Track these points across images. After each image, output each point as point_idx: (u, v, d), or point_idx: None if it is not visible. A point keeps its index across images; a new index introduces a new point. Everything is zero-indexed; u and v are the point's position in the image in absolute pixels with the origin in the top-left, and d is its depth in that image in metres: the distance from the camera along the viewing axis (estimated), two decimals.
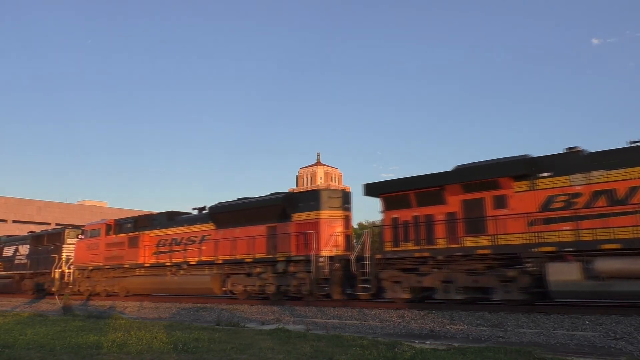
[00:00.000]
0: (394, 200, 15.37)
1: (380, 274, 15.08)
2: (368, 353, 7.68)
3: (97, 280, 24.98)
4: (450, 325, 11.83)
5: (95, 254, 25.09)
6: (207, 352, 8.06)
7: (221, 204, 20.51)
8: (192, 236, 21.14)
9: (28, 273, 29.69)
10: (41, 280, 28.45)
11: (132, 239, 23.38)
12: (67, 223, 48.82)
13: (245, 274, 18.85)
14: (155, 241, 22.64)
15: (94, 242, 25.40)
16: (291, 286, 17.24)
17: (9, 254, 32.32)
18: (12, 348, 8.81)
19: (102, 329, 11.30)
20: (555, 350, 8.53)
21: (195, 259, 20.53)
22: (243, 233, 19.12)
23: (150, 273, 22.46)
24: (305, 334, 10.00)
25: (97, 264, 24.87)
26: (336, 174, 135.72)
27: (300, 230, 17.43)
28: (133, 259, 22.95)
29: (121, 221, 24.83)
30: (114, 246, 24.21)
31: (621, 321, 10.64)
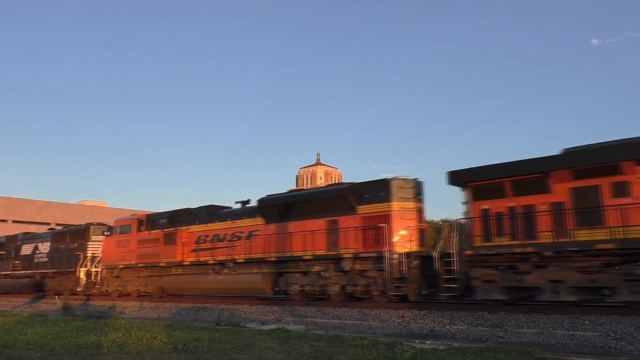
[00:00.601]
0: (485, 189, 13.70)
1: (470, 272, 13.48)
2: (368, 353, 7.68)
3: (128, 280, 23.58)
4: (450, 325, 11.83)
5: (126, 251, 23.47)
6: (207, 352, 8.06)
7: (272, 196, 19.08)
8: (237, 231, 19.57)
9: (50, 272, 28.13)
10: (64, 280, 27.15)
11: (168, 235, 21.78)
12: (67, 223, 48.82)
13: (302, 273, 17.31)
14: (194, 237, 21.05)
15: (125, 238, 23.76)
16: (359, 286, 15.79)
17: (27, 252, 30.72)
18: (12, 348, 8.81)
19: (102, 329, 11.30)
20: (555, 350, 8.53)
21: (242, 257, 18.98)
22: (298, 228, 17.58)
23: (189, 272, 20.89)
24: (305, 334, 9.99)
25: (129, 262, 23.26)
26: (336, 174, 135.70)
27: (367, 224, 15.89)
28: (170, 257, 21.40)
29: (154, 216, 23.26)
30: (147, 243, 22.63)
31: (621, 321, 10.64)
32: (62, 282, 27.15)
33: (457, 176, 14.30)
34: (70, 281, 26.54)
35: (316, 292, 16.91)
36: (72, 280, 26.33)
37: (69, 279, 26.68)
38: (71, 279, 26.49)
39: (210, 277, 19.82)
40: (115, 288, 24.18)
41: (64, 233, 28.86)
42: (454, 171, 14.40)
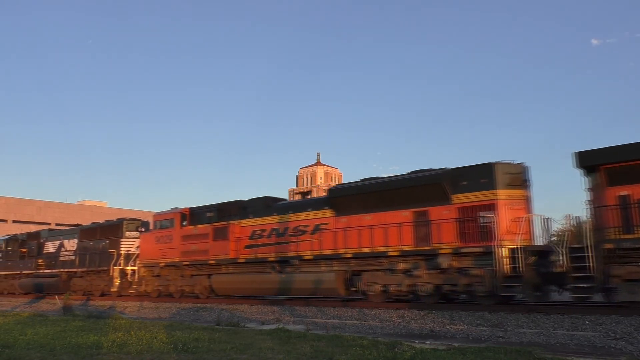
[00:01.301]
0: (624, 172, 11.82)
1: (610, 269, 11.65)
2: (368, 353, 7.68)
3: (170, 279, 21.59)
4: (450, 325, 11.83)
5: (168, 248, 21.42)
6: (207, 352, 8.06)
7: (344, 185, 17.57)
8: (300, 225, 17.57)
9: (79, 271, 26.33)
10: (95, 279, 25.48)
11: (218, 230, 19.71)
12: (67, 223, 48.89)
13: (384, 271, 15.43)
14: (248, 232, 19.07)
15: (166, 234, 21.68)
16: (459, 285, 13.86)
17: (51, 250, 28.86)
18: (12, 348, 8.81)
19: (102, 329, 11.30)
20: (555, 350, 8.53)
21: (309, 253, 17.08)
22: (377, 220, 15.67)
23: (244, 270, 18.94)
24: (305, 334, 10.00)
25: (171, 260, 21.21)
26: (336, 174, 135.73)
27: (465, 216, 14.08)
28: (220, 254, 19.38)
29: (199, 210, 21.08)
30: (193, 239, 20.58)
31: (621, 321, 10.64)
32: (92, 281, 25.59)
33: (587, 157, 12.30)
34: (102, 281, 24.98)
35: (402, 292, 15.09)
36: (105, 280, 24.70)
37: (100, 279, 25.09)
38: (103, 279, 24.84)
39: (272, 276, 17.90)
40: (154, 288, 22.28)
41: (93, 229, 27.04)
42: (583, 152, 12.41)
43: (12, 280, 31.50)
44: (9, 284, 32.01)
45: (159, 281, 22.11)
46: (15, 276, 31.24)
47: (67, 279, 27.02)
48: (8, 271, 31.74)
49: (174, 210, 22.18)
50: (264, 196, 19.83)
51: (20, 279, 30.47)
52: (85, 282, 26.05)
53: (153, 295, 22.13)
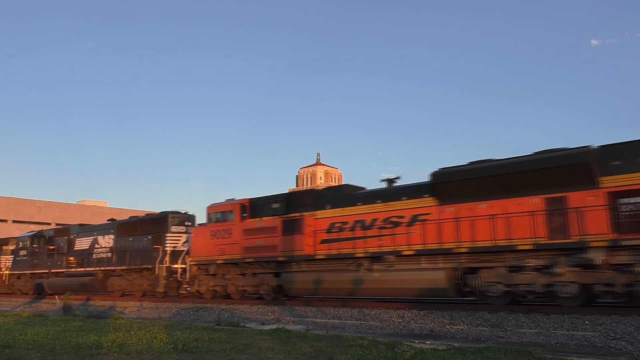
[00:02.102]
0: None
1: None
2: (368, 353, 7.68)
3: (229, 278, 19.29)
4: (450, 325, 11.83)
5: (226, 243, 19.17)
6: (207, 352, 8.06)
7: (449, 169, 14.65)
8: (393, 217, 15.40)
9: (118, 270, 24.20)
10: (137, 278, 23.42)
11: (290, 222, 17.53)
12: (67, 223, 48.83)
13: (508, 268, 13.23)
14: (326, 225, 16.85)
15: (224, 228, 19.44)
16: (617, 285, 11.57)
17: (83, 247, 26.73)
18: (12, 348, 8.81)
19: (102, 329, 11.30)
20: (555, 350, 8.53)
21: (405, 247, 14.87)
22: (497, 209, 13.49)
23: (322, 268, 16.72)
24: (305, 334, 9.99)
25: (231, 257, 18.93)
26: (336, 174, 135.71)
27: (619, 202, 12.00)
28: (293, 249, 17.23)
29: (262, 200, 19.03)
30: (258, 233, 18.31)
31: (621, 321, 10.64)
32: (133, 281, 23.54)
33: None
34: (145, 280, 22.97)
35: (536, 292, 12.90)
36: (149, 280, 22.72)
37: (143, 278, 23.09)
38: (148, 278, 22.79)
39: (359, 274, 15.65)
40: (210, 288, 19.96)
41: (132, 224, 24.67)
42: None
43: (39, 280, 29.27)
44: (35, 283, 29.78)
45: (214, 280, 19.77)
46: (42, 275, 28.95)
47: (104, 278, 25.02)
48: (34, 270, 29.45)
49: (231, 201, 20.01)
50: (342, 184, 17.73)
51: (48, 279, 28.26)
52: (124, 282, 24.04)
53: (207, 296, 20.00)
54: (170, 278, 21.70)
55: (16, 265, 30.93)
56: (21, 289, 30.52)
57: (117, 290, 24.26)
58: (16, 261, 30.99)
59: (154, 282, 22.18)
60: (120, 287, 24.24)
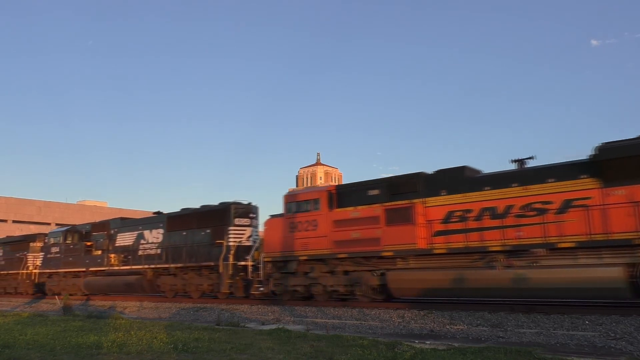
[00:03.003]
0: None
1: None
2: (368, 353, 7.68)
3: (315, 277, 16.81)
4: (450, 325, 11.83)
5: (310, 236, 16.78)
6: (207, 352, 8.07)
7: (619, 143, 12.40)
8: (536, 202, 13.12)
9: (172, 267, 21.63)
10: (195, 277, 20.94)
11: (395, 211, 15.10)
12: (67, 223, 48.78)
13: None
14: (441, 213, 14.41)
15: (307, 219, 17.07)
16: None
17: (127, 243, 24.29)
18: (12, 348, 8.82)
19: (102, 329, 11.30)
20: (555, 350, 8.53)
21: (558, 239, 12.52)
22: None
23: (441, 264, 14.34)
24: (305, 334, 10.00)
25: (318, 252, 16.58)
26: (336, 174, 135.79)
27: None
28: (401, 242, 14.80)
29: (354, 187, 16.53)
30: (352, 224, 15.89)
31: (621, 321, 10.64)
32: (190, 280, 21.08)
33: None
34: (205, 279, 20.49)
35: None
36: (210, 278, 20.23)
37: (202, 277, 20.64)
38: (208, 277, 20.34)
39: (497, 272, 13.29)
40: (289, 288, 17.57)
41: (187, 217, 21.91)
42: None
43: (74, 280, 26.82)
44: (69, 283, 27.15)
45: (295, 279, 17.37)
46: (78, 274, 26.57)
47: (153, 276, 22.57)
48: (69, 268, 26.94)
49: (314, 189, 17.98)
50: (462, 166, 14.88)
51: (86, 277, 25.88)
52: (179, 281, 21.55)
53: (284, 297, 17.79)
54: (237, 277, 19.28)
55: (47, 264, 28.57)
56: (53, 289, 28.07)
57: (170, 291, 22.00)
58: (47, 259, 28.64)
59: (216, 282, 19.74)
60: (174, 287, 21.84)
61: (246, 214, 20.41)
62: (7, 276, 32.06)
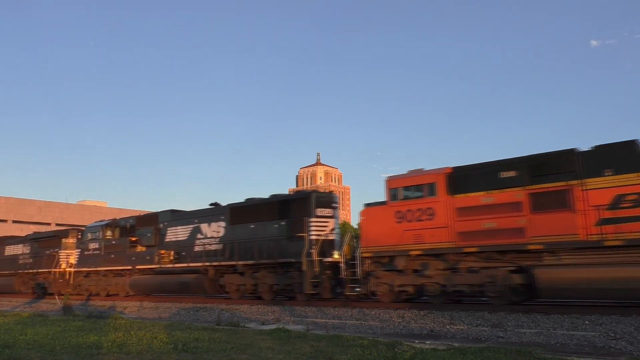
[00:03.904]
0: None
1: None
2: (368, 353, 7.69)
3: (430, 275, 14.30)
4: (450, 325, 11.84)
5: (425, 227, 14.42)
6: (207, 352, 8.07)
7: None
8: None
9: (240, 265, 18.98)
10: (267, 276, 18.30)
11: (544, 196, 12.79)
12: (67, 223, 48.83)
13: None
14: (607, 198, 11.98)
15: (420, 207, 14.62)
16: None
17: (180, 237, 21.72)
18: (12, 348, 8.82)
19: (102, 329, 11.30)
20: (555, 350, 8.53)
21: None
22: None
23: (613, 259, 11.79)
24: (305, 334, 10.00)
25: (436, 245, 14.14)
26: (336, 174, 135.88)
27: None
28: (558, 233, 12.42)
29: (480, 168, 14.04)
30: (484, 212, 13.51)
31: (621, 321, 10.65)
32: (263, 279, 18.35)
33: None
34: (282, 278, 17.84)
35: None
36: (289, 277, 17.56)
37: (278, 276, 17.99)
38: (286, 276, 17.70)
39: None
40: (395, 288, 14.95)
41: (254, 207, 19.53)
42: None
43: (116, 279, 24.61)
44: (110, 283, 24.90)
45: (402, 278, 14.88)
46: (122, 272, 24.32)
47: (215, 275, 20.12)
48: (111, 266, 24.64)
49: (429, 171, 15.10)
50: (628, 140, 12.44)
51: (132, 276, 23.50)
52: (248, 280, 18.98)
53: (386, 299, 15.19)
54: (323, 275, 16.79)
55: (84, 261, 26.24)
56: (91, 289, 25.84)
57: (236, 292, 19.38)
58: (84, 256, 26.27)
59: (296, 281, 17.22)
60: (242, 287, 19.20)
61: (328, 204, 18.08)
62: (37, 275, 29.35)
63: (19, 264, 30.87)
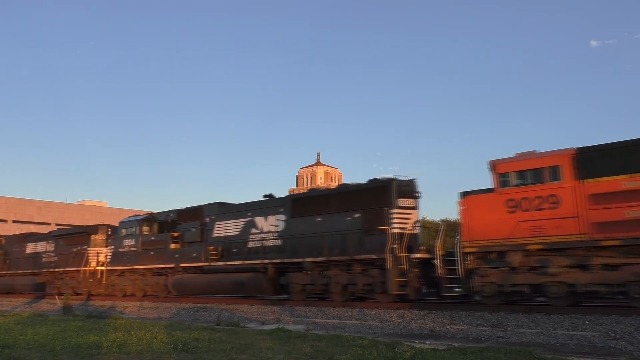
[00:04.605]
0: None
1: None
2: (368, 353, 7.68)
3: (553, 273, 12.12)
4: (450, 325, 11.83)
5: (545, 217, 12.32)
6: (207, 352, 8.07)
7: None
8: None
9: (308, 262, 16.59)
10: (340, 274, 15.91)
11: None
12: (67, 223, 48.81)
13: None
14: None
15: (539, 193, 12.54)
16: None
17: (229, 233, 19.57)
18: (12, 348, 8.82)
19: (102, 329, 11.30)
20: (555, 350, 8.53)
21: None
22: None
23: None
24: (305, 334, 10.00)
25: (562, 238, 12.06)
26: (336, 174, 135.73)
27: None
28: None
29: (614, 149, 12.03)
30: (626, 198, 11.39)
31: (621, 321, 10.64)
32: (335, 278, 15.98)
33: None
34: (360, 277, 15.47)
35: None
36: (369, 276, 15.27)
37: (354, 274, 15.65)
38: (364, 274, 15.39)
39: None
40: (506, 287, 12.85)
41: (320, 198, 17.43)
42: None
43: (156, 278, 22.30)
44: (149, 282, 22.57)
45: (518, 277, 12.71)
46: (163, 271, 22.01)
47: (275, 274, 17.86)
48: (151, 264, 22.28)
49: (550, 153, 13.04)
50: None
51: (175, 275, 21.13)
52: (316, 279, 16.64)
53: (491, 301, 13.24)
54: (410, 274, 14.51)
55: (119, 259, 23.83)
56: (126, 289, 23.67)
57: (300, 292, 17.15)
58: (119, 254, 23.91)
59: (378, 280, 15.01)
60: (310, 287, 16.90)
61: (411, 193, 15.84)
62: (63, 274, 27.08)
63: (42, 262, 28.74)
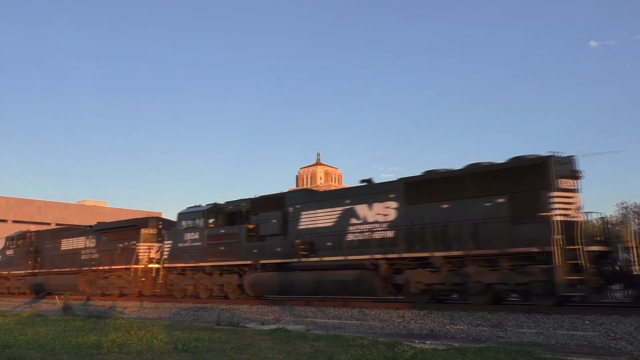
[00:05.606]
0: None
1: None
2: (368, 353, 7.68)
3: None
4: (450, 325, 11.84)
5: None
6: (207, 352, 8.07)
7: None
8: None
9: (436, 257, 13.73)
10: (482, 272, 13.11)
11: None
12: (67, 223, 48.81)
13: None
14: None
15: None
16: None
17: (321, 224, 16.80)
18: (12, 348, 8.81)
19: (103, 329, 11.31)
20: (555, 350, 8.53)
21: None
22: None
23: None
24: (305, 334, 10.00)
25: None
26: (336, 174, 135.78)
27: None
28: None
29: None
30: None
31: (621, 321, 10.64)
32: (476, 276, 13.14)
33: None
34: (509, 275, 12.63)
35: None
36: (526, 274, 12.32)
37: (503, 272, 12.77)
38: (518, 272, 12.49)
39: None
40: None
41: (445, 181, 14.38)
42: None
43: (227, 277, 19.56)
44: (216, 281, 19.93)
45: None
46: (236, 269, 19.26)
47: (389, 270, 14.91)
48: (221, 261, 19.51)
49: None
50: None
51: (252, 273, 18.42)
52: (447, 278, 13.73)
53: None
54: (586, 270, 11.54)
55: (179, 255, 21.08)
56: (189, 289, 21.01)
57: (423, 293, 14.39)
58: (178, 249, 21.16)
59: (539, 279, 12.17)
60: (439, 286, 14.02)
61: (573, 174, 12.96)
62: (109, 273, 24.84)
63: (82, 259, 26.28)
